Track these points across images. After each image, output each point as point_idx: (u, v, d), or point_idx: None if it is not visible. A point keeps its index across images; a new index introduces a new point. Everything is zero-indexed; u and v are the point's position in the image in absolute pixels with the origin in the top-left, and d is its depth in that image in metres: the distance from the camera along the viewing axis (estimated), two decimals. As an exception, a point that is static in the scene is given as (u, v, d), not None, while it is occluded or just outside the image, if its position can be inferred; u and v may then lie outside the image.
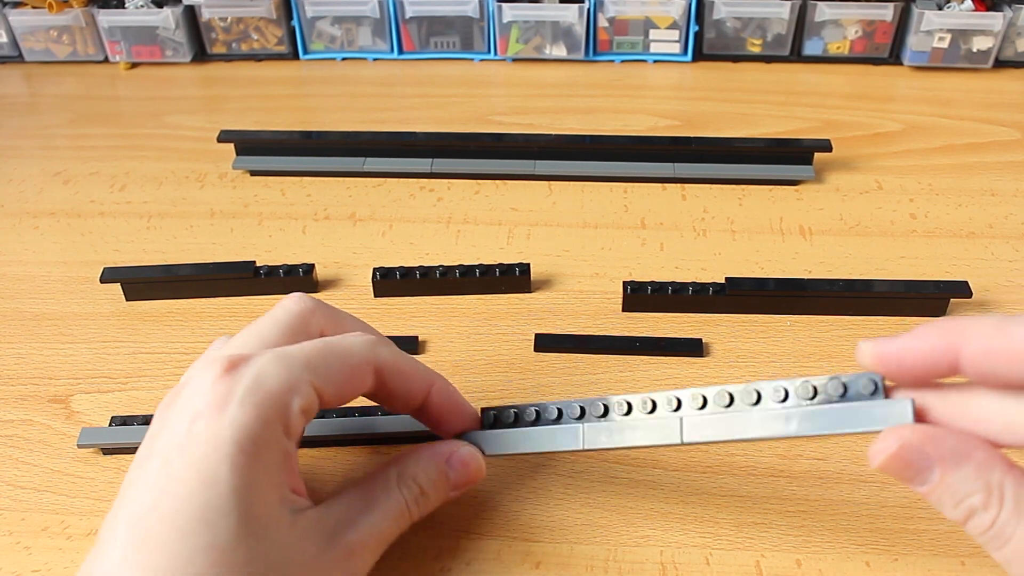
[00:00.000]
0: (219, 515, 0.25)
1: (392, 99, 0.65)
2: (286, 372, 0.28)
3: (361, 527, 0.29)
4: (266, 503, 0.26)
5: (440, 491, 0.32)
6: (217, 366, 0.27)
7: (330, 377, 0.29)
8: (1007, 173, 0.55)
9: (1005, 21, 0.63)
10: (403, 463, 0.31)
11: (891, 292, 0.43)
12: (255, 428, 0.26)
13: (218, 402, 0.26)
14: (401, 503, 0.30)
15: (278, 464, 0.27)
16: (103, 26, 0.68)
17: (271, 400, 0.27)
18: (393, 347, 0.31)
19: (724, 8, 0.66)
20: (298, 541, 0.27)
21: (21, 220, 0.52)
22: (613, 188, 0.54)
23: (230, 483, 0.25)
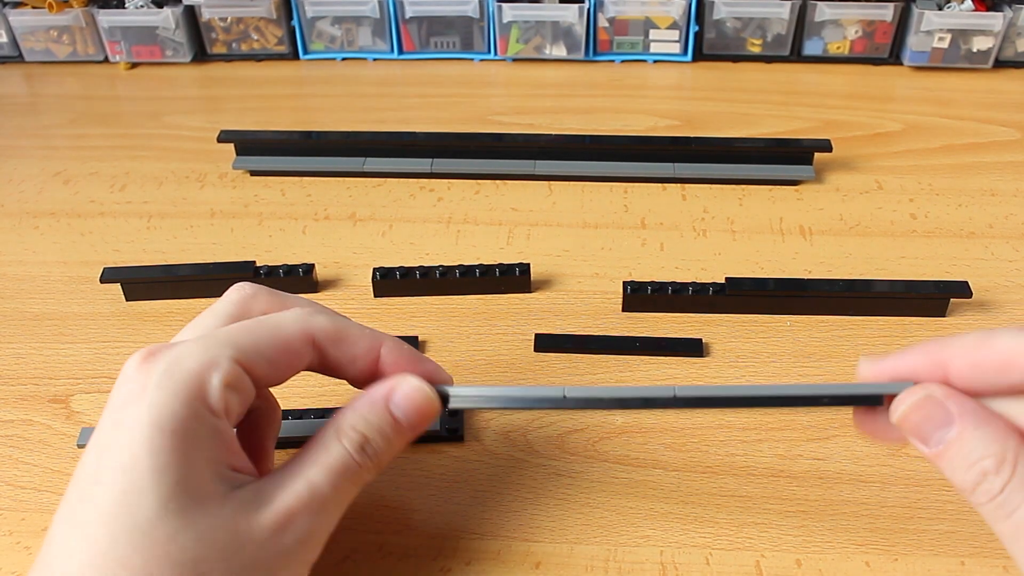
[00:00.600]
0: (139, 496, 0.25)
1: (392, 99, 0.65)
2: (203, 351, 0.27)
3: (295, 487, 0.27)
4: (193, 479, 0.26)
5: (389, 434, 0.29)
6: (137, 357, 0.28)
7: (259, 351, 0.28)
8: (1007, 173, 0.55)
9: (1005, 21, 0.63)
10: (340, 416, 0.29)
11: (891, 292, 0.43)
12: (173, 406, 0.26)
13: (138, 389, 0.27)
14: (342, 454, 0.28)
15: (207, 441, 0.27)
16: (103, 26, 0.68)
17: (187, 378, 0.27)
18: (333, 314, 0.30)
19: (724, 8, 0.66)
20: (232, 515, 0.26)
21: (21, 220, 0.52)
22: (613, 188, 0.54)
23: (149, 463, 0.25)
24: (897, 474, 0.36)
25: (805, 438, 0.37)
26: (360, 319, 0.44)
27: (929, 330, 0.43)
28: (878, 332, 0.43)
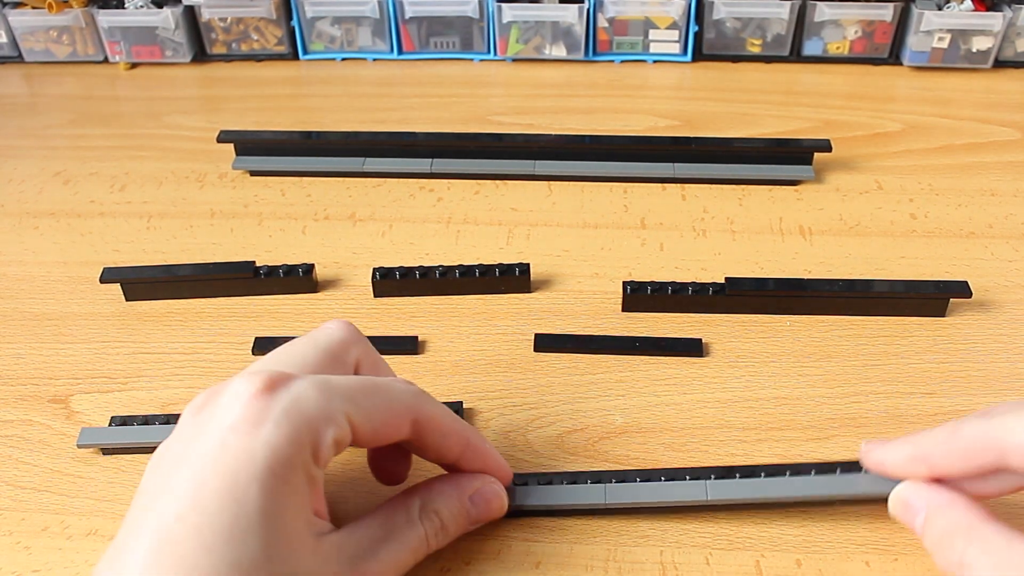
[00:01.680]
0: (246, 534, 0.25)
1: (392, 99, 0.65)
2: (325, 400, 0.28)
3: (381, 556, 0.29)
4: (292, 526, 0.26)
5: (460, 525, 0.32)
6: (258, 381, 0.27)
7: (369, 415, 0.29)
8: (1007, 173, 0.55)
9: (1005, 21, 0.63)
10: (427, 495, 0.31)
11: (891, 292, 0.43)
12: (287, 451, 0.26)
13: (254, 418, 0.26)
14: (422, 535, 0.31)
15: (305, 488, 0.27)
16: (103, 26, 0.68)
17: (306, 425, 0.27)
18: (435, 402, 0.31)
19: (724, 8, 0.66)
20: (320, 565, 0.27)
21: (21, 220, 0.52)
22: (613, 188, 0.54)
23: (259, 503, 0.25)
24: (897, 474, 0.36)
25: (805, 438, 0.37)
26: (360, 319, 0.44)
27: (929, 330, 0.43)
28: (878, 332, 0.43)
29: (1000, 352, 0.42)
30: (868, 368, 0.41)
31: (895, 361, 0.41)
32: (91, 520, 0.35)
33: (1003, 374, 0.40)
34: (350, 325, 0.33)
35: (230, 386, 0.28)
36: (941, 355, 0.41)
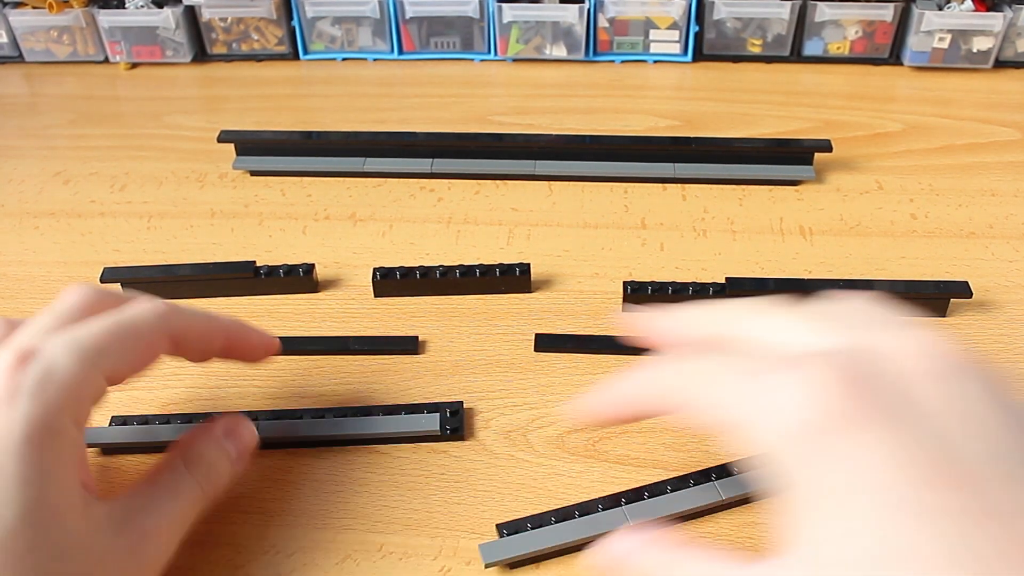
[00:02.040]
0: (3, 504, 0.25)
1: (392, 99, 0.65)
2: (77, 364, 0.28)
3: (154, 511, 0.29)
4: (55, 493, 0.26)
5: (225, 464, 0.33)
6: (8, 356, 0.28)
7: (122, 359, 0.30)
8: (1007, 173, 0.55)
9: (1005, 21, 0.63)
10: (185, 447, 0.32)
11: (891, 292, 0.43)
12: (45, 419, 0.27)
13: (9, 394, 0.27)
14: (191, 482, 0.31)
15: (70, 455, 0.27)
16: (103, 26, 0.68)
17: (63, 391, 0.27)
18: (183, 311, 0.33)
19: (724, 8, 0.66)
20: (89, 532, 0.27)
21: (21, 220, 0.53)
22: (613, 188, 0.54)
23: (17, 471, 0.26)
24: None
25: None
26: (360, 319, 0.44)
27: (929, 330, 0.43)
28: (878, 332, 0.43)
29: (1000, 352, 0.42)
30: (868, 368, 0.41)
31: (895, 361, 0.41)
32: (91, 520, 0.35)
33: (1003, 374, 0.40)
34: (87, 286, 0.32)
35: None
36: (941, 355, 0.41)
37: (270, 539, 0.34)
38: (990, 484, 0.22)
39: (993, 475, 0.22)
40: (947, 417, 0.23)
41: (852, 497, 0.22)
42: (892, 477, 0.22)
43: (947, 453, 0.22)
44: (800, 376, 0.24)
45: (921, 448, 0.22)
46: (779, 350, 0.26)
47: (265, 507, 0.35)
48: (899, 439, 0.22)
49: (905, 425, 0.23)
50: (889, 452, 0.22)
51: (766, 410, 0.24)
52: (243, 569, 0.33)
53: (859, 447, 0.22)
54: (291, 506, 0.35)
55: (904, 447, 0.22)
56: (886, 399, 0.23)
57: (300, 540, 0.34)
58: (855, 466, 0.22)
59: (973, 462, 0.22)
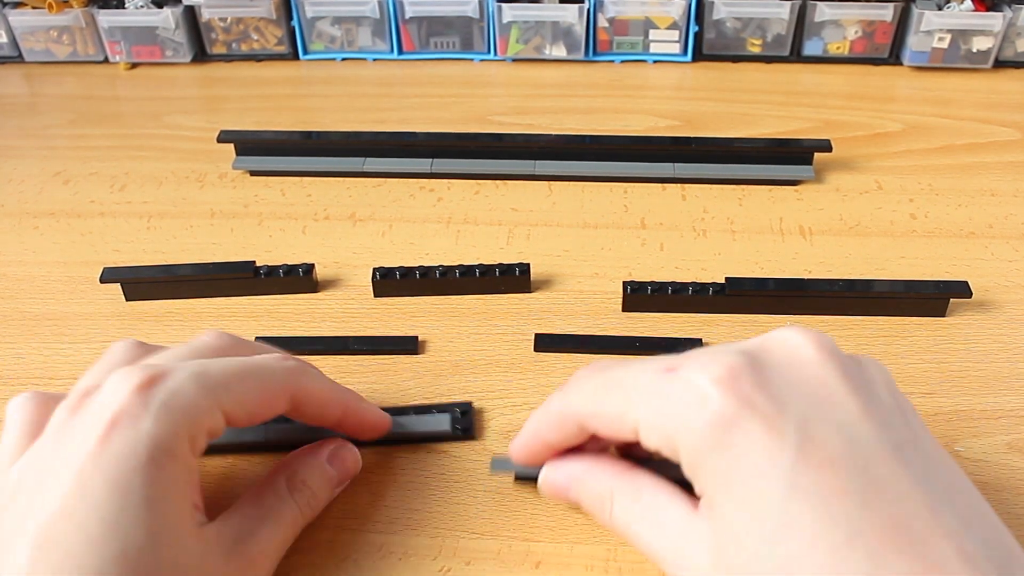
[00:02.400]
0: (131, 524, 0.25)
1: (392, 99, 0.65)
2: (201, 392, 0.28)
3: (260, 537, 0.30)
4: (175, 514, 0.27)
5: (326, 490, 0.33)
6: (135, 376, 0.28)
7: (244, 400, 0.30)
8: (1007, 173, 0.55)
9: (1005, 21, 0.63)
10: (291, 469, 0.33)
11: (891, 292, 0.43)
12: (168, 442, 0.27)
13: (135, 412, 0.27)
14: (295, 508, 0.32)
15: (185, 478, 0.28)
16: (103, 26, 0.68)
17: (184, 417, 0.28)
18: (312, 374, 0.33)
19: (724, 8, 0.66)
20: (203, 552, 0.28)
21: (21, 220, 0.53)
22: (613, 188, 0.54)
23: (143, 493, 0.26)
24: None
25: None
26: (360, 319, 0.44)
27: (929, 330, 0.43)
28: (878, 332, 0.43)
29: (1000, 352, 0.42)
30: (868, 368, 0.41)
31: (895, 361, 0.41)
32: (91, 520, 0.35)
33: (1003, 374, 0.40)
34: (225, 334, 0.34)
35: (108, 383, 0.28)
36: (941, 355, 0.41)
37: (270, 539, 0.34)
38: (878, 469, 0.24)
39: (880, 459, 0.25)
40: (831, 405, 0.26)
41: (751, 482, 0.25)
42: (783, 463, 0.24)
43: (839, 441, 0.25)
44: (691, 379, 0.26)
45: (807, 435, 0.25)
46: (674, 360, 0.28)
47: (265, 507, 0.35)
48: (783, 427, 0.25)
49: (788, 413, 0.25)
50: (777, 439, 0.25)
51: (669, 412, 0.27)
52: (243, 569, 0.33)
53: (751, 437, 0.25)
54: (291, 506, 0.35)
55: (787, 433, 0.25)
56: (772, 391, 0.26)
57: (300, 540, 0.34)
58: (750, 454, 0.25)
59: (864, 449, 0.25)
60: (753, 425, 0.25)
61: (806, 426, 0.25)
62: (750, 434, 0.25)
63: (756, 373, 0.26)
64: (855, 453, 0.25)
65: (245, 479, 0.36)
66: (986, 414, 0.38)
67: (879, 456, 0.25)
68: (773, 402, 0.25)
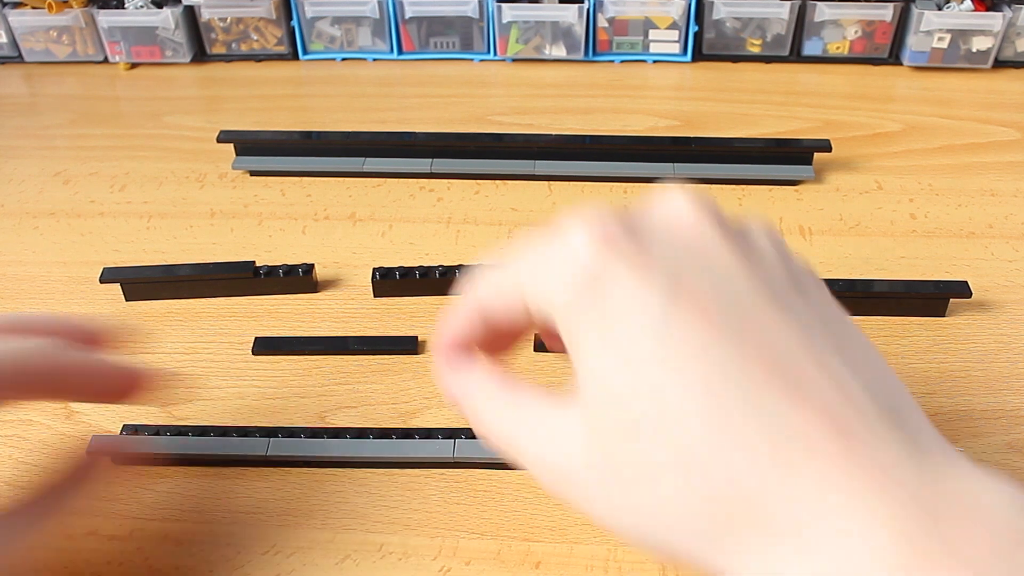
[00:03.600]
0: None
1: (392, 99, 0.65)
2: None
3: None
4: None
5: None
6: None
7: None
8: (1007, 173, 0.55)
9: (1005, 21, 0.63)
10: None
11: (891, 292, 0.43)
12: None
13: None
14: None
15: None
16: (103, 26, 0.68)
17: None
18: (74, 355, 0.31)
19: (724, 8, 0.66)
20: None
21: (21, 220, 0.53)
22: (613, 188, 0.54)
23: None
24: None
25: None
26: (360, 319, 0.44)
27: (929, 330, 0.43)
28: (878, 332, 0.43)
29: (1000, 352, 0.42)
30: (868, 368, 0.41)
31: (895, 361, 0.41)
32: (91, 520, 0.35)
33: (1003, 374, 0.40)
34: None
35: None
36: (941, 355, 0.41)
37: (270, 539, 0.34)
38: (755, 315, 0.24)
39: (758, 307, 0.24)
40: (705, 257, 0.25)
41: (621, 332, 0.24)
42: (653, 310, 0.24)
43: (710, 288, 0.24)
44: (566, 238, 0.26)
45: (678, 282, 0.24)
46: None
47: (265, 507, 0.35)
48: (653, 276, 0.24)
49: (659, 262, 0.25)
50: (647, 288, 0.24)
51: (545, 273, 0.26)
52: (243, 569, 0.33)
53: (620, 286, 0.24)
54: (291, 506, 0.35)
55: (657, 282, 0.24)
56: (644, 245, 0.25)
57: (300, 540, 0.34)
58: (619, 304, 0.24)
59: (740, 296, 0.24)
60: (622, 274, 0.24)
61: (678, 275, 0.24)
62: (619, 283, 0.24)
63: (629, 229, 0.26)
64: (730, 300, 0.24)
65: (244, 493, 0.36)
66: (986, 414, 0.38)
67: (756, 303, 0.24)
68: (644, 254, 0.25)
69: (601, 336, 0.24)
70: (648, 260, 0.25)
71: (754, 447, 0.22)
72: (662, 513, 0.23)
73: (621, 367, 0.24)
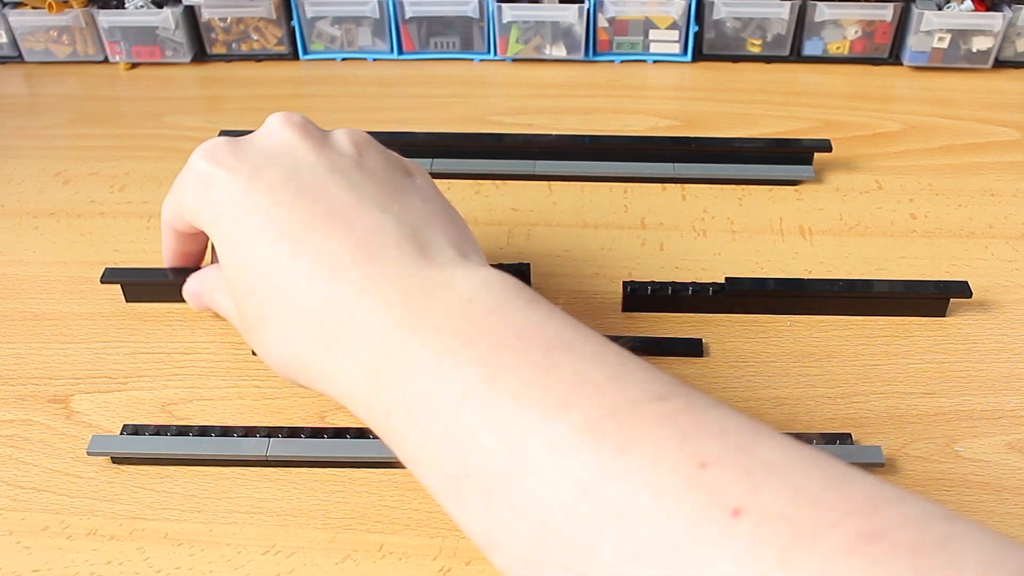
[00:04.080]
0: None
1: (392, 99, 0.65)
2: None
3: None
4: None
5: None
6: None
7: None
8: (1007, 173, 0.55)
9: (1005, 21, 0.63)
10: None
11: (891, 292, 0.43)
12: None
13: None
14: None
15: None
16: (103, 26, 0.68)
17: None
18: None
19: (724, 8, 0.66)
20: None
21: (21, 220, 0.53)
22: (613, 188, 0.54)
23: None
24: (899, 477, 0.36)
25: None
26: None
27: (929, 330, 0.43)
28: (878, 332, 0.43)
29: (1000, 352, 0.42)
30: (868, 368, 0.41)
31: (895, 361, 0.41)
32: (91, 520, 0.35)
33: (1003, 374, 0.40)
34: None
35: None
36: (941, 355, 0.41)
37: (270, 539, 0.34)
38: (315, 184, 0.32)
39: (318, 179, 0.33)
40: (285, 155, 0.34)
41: (221, 216, 0.33)
42: (237, 192, 0.33)
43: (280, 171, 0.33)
44: (191, 161, 0.35)
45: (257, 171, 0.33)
46: None
47: (265, 507, 0.35)
48: (240, 170, 0.33)
49: (247, 162, 0.33)
50: (234, 179, 0.33)
51: (182, 188, 0.36)
52: (243, 569, 0.33)
53: (218, 183, 0.33)
54: (291, 506, 0.35)
55: (242, 174, 0.33)
56: (240, 155, 0.34)
57: (300, 540, 0.34)
58: (218, 196, 0.33)
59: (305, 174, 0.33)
60: (221, 174, 0.33)
61: (258, 168, 0.33)
62: (218, 181, 0.33)
63: (233, 146, 0.34)
64: (294, 177, 0.32)
65: (244, 493, 0.36)
66: (986, 414, 0.38)
67: (316, 176, 0.32)
68: (237, 158, 0.34)
69: (214, 222, 0.33)
70: (238, 162, 0.33)
71: (307, 273, 0.29)
72: (279, 344, 0.31)
73: (227, 244, 0.32)
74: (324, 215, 0.31)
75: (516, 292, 0.28)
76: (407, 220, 0.31)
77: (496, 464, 0.24)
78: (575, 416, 0.23)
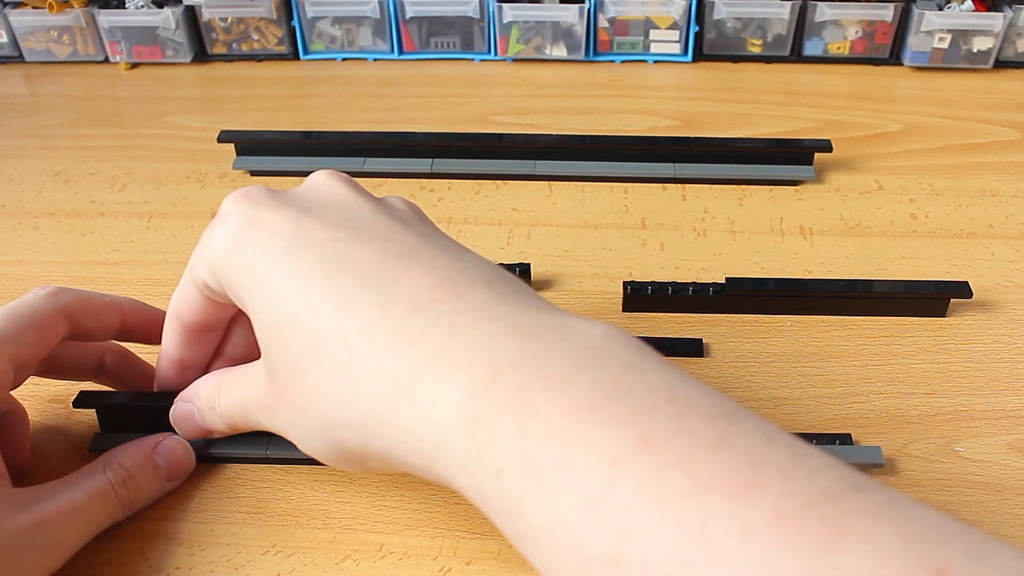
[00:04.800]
0: None
1: (392, 99, 0.65)
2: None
3: (57, 499, 0.30)
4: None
5: (150, 477, 0.34)
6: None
7: (22, 342, 0.32)
8: (1007, 173, 0.55)
9: (1005, 21, 0.63)
10: (111, 453, 0.33)
11: (891, 292, 0.43)
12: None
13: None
14: (104, 482, 0.32)
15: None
16: (103, 26, 0.68)
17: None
18: (75, 290, 0.34)
19: (724, 8, 0.66)
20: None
21: (21, 220, 0.53)
22: (613, 188, 0.54)
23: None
24: (898, 477, 0.36)
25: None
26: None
27: (929, 330, 0.43)
28: (878, 332, 0.43)
29: (1000, 352, 0.42)
30: (868, 368, 0.41)
31: (895, 361, 0.41)
32: (91, 520, 0.35)
33: (1003, 374, 0.40)
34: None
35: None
36: (941, 355, 0.41)
37: (270, 539, 0.34)
38: (374, 227, 0.28)
39: (377, 223, 0.28)
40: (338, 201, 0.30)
41: (261, 259, 0.28)
42: (284, 232, 0.28)
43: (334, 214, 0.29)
44: (221, 209, 0.30)
45: (306, 212, 0.29)
46: None
47: (265, 507, 0.35)
48: (286, 211, 0.29)
49: (292, 205, 0.29)
50: (280, 219, 0.28)
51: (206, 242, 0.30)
52: (243, 569, 0.33)
53: (259, 226, 0.28)
54: (291, 506, 0.35)
55: (289, 215, 0.28)
56: (283, 199, 0.30)
57: (300, 540, 0.34)
58: (259, 239, 0.28)
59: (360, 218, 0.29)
60: (261, 213, 0.28)
61: (308, 208, 0.29)
62: (258, 221, 0.28)
63: (272, 190, 0.30)
64: (354, 220, 0.28)
65: (244, 493, 0.36)
66: (986, 414, 0.38)
67: (379, 221, 0.28)
68: (280, 200, 0.29)
69: (250, 266, 0.28)
70: (281, 203, 0.29)
71: (378, 305, 0.25)
72: (330, 397, 0.26)
73: (268, 287, 0.27)
74: (394, 253, 0.27)
75: (643, 348, 0.24)
76: (482, 269, 0.27)
77: (667, 550, 0.20)
78: (767, 502, 0.19)
